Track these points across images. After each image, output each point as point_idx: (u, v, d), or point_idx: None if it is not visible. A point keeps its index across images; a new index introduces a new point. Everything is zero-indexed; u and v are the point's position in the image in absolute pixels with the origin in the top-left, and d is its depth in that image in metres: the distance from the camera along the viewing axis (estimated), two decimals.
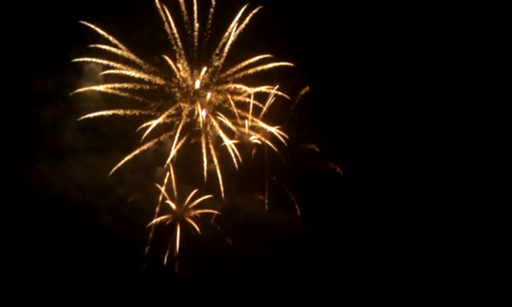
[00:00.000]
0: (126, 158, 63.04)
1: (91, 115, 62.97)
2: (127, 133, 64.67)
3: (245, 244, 66.52)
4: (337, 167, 65.73)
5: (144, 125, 63.23)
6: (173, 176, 63.81)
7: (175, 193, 64.41)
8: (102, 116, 63.39)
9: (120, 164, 63.26)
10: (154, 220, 63.50)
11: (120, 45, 62.91)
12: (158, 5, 62.78)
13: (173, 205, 64.22)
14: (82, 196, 65.30)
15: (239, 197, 66.22)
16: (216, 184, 64.04)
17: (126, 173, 64.81)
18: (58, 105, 65.05)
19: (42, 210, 63.89)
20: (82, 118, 62.99)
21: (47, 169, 65.10)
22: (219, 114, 64.55)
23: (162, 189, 63.92)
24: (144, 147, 63.34)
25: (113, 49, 62.74)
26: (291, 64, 64.77)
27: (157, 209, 64.12)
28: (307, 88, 65.39)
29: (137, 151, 63.27)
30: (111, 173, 63.22)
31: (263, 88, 64.63)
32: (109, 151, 65.37)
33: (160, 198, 64.08)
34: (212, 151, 64.00)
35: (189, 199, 64.51)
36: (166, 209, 64.48)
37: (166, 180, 63.95)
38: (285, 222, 66.98)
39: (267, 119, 65.12)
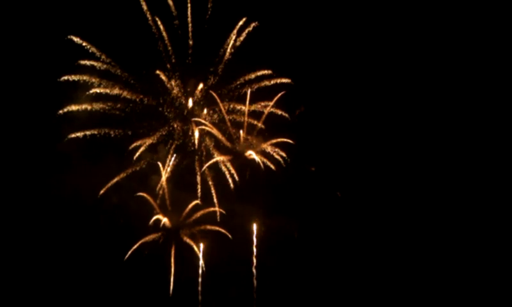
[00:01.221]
0: (117, 178, 62.59)
1: (81, 134, 62.28)
2: (121, 141, 63.80)
3: (243, 249, 66.51)
4: (335, 189, 64.85)
5: (139, 142, 62.49)
6: (166, 195, 63.47)
7: (169, 208, 64.24)
8: (96, 123, 62.74)
9: (113, 181, 62.89)
10: (146, 238, 63.44)
11: (113, 63, 61.54)
12: (150, 22, 60.86)
13: (165, 220, 64.05)
14: (78, 203, 65.18)
15: (236, 207, 65.80)
16: (211, 198, 63.91)
17: (121, 180, 64.39)
18: (53, 116, 64.15)
19: (41, 213, 64.44)
20: (73, 135, 62.24)
21: (45, 176, 64.83)
22: (213, 131, 63.35)
23: (156, 204, 63.72)
24: (137, 168, 62.76)
25: (105, 66, 61.38)
26: (289, 81, 63.10)
27: (152, 220, 64.21)
28: (302, 108, 63.77)
29: (129, 171, 62.69)
30: (104, 190, 62.90)
31: (259, 106, 63.24)
32: (104, 160, 64.84)
33: (154, 212, 64.00)
34: (206, 172, 63.23)
35: (185, 214, 64.29)
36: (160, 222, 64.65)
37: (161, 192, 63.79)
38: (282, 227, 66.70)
39: (263, 136, 64.00)
